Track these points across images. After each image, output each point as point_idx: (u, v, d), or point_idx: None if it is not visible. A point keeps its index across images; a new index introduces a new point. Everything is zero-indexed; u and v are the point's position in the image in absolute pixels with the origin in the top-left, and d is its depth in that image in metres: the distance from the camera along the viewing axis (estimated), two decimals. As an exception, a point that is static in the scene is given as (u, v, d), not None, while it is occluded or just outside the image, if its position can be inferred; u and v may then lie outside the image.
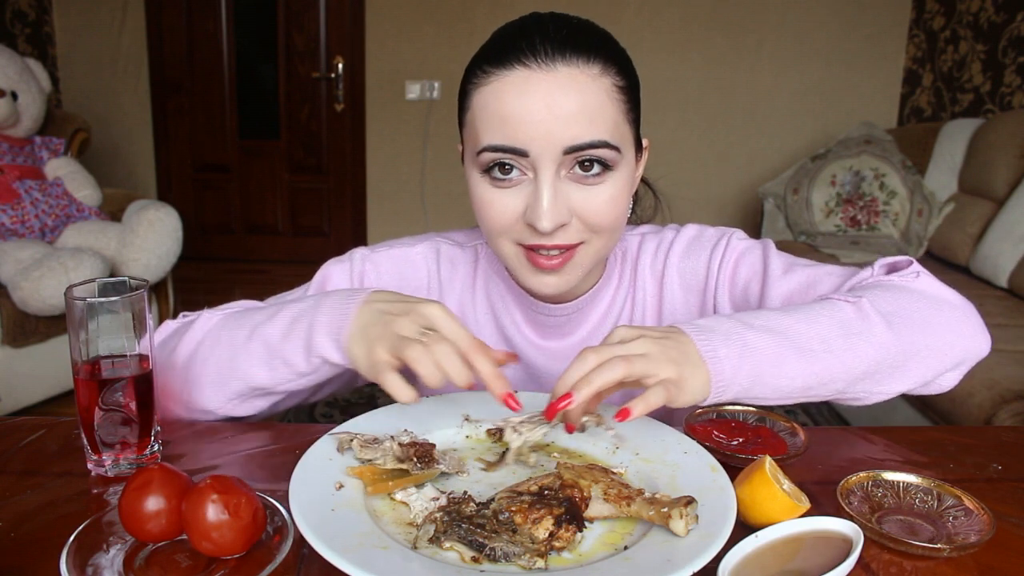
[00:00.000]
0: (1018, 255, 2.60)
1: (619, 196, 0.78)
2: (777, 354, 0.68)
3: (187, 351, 0.81)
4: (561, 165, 0.75)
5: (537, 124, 0.73)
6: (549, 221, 0.74)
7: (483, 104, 0.76)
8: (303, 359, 0.75)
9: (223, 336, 0.79)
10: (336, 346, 0.72)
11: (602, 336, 0.92)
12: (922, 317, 0.75)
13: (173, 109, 4.44)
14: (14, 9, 4.12)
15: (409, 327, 0.67)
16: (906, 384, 0.76)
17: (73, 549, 0.55)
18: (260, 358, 0.76)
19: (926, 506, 0.66)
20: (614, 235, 0.81)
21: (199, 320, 0.83)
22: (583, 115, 0.73)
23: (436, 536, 0.58)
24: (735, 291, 0.89)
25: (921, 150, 3.36)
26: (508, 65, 0.74)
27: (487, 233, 0.81)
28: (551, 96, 0.73)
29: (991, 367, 0.79)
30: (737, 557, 0.55)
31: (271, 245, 4.65)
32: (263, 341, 0.76)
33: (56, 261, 2.29)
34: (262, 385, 0.78)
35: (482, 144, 0.76)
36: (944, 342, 0.76)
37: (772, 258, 0.87)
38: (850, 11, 4.01)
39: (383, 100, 4.29)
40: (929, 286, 0.79)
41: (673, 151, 4.16)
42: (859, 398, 0.76)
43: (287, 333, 0.75)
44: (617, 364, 0.62)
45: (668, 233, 0.94)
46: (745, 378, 0.67)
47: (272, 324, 0.76)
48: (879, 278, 0.81)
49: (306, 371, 0.76)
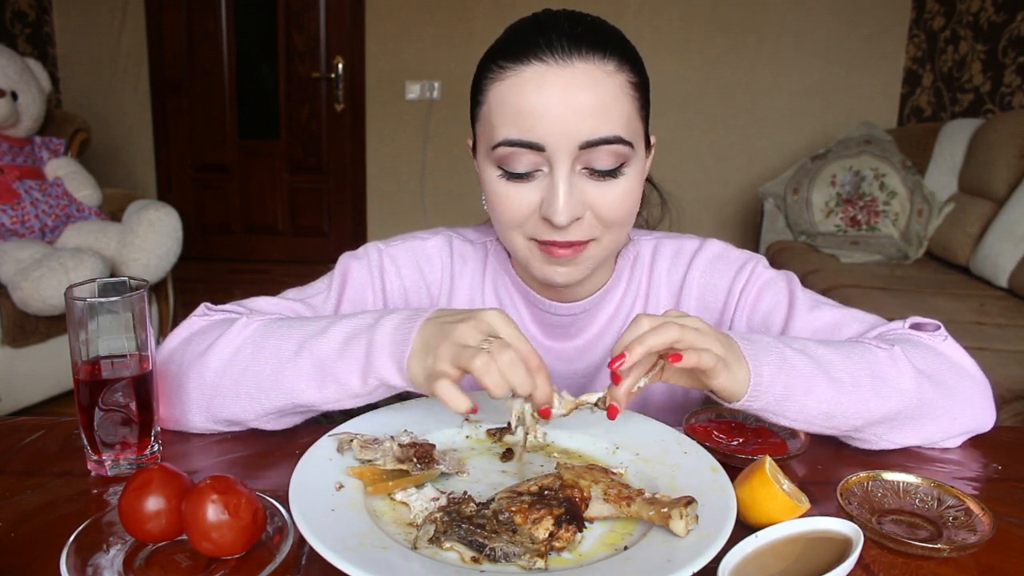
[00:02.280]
0: (1018, 255, 2.60)
1: (631, 191, 0.78)
2: (810, 376, 0.70)
3: (223, 357, 0.75)
4: (576, 160, 0.75)
5: (554, 119, 0.73)
6: (565, 216, 0.74)
7: (500, 99, 0.76)
8: (359, 380, 0.70)
9: (267, 345, 0.74)
10: (398, 368, 0.68)
11: (609, 339, 0.92)
12: (944, 380, 0.77)
13: (173, 109, 4.43)
14: (14, 9, 4.12)
15: (471, 334, 0.64)
16: (916, 438, 0.78)
17: (73, 549, 0.55)
18: (310, 375, 0.72)
19: (926, 506, 0.66)
20: (623, 231, 0.82)
21: (236, 324, 0.77)
22: (599, 110, 0.74)
23: (436, 536, 0.58)
24: (754, 318, 0.89)
25: (921, 150, 3.36)
26: (525, 60, 0.74)
27: (500, 226, 0.81)
28: (568, 91, 0.73)
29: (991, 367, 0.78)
30: (737, 557, 0.55)
31: (271, 245, 4.65)
32: (314, 357, 0.72)
33: (56, 261, 2.29)
34: (308, 403, 0.73)
35: (498, 138, 0.76)
36: (959, 409, 0.78)
37: (798, 292, 0.88)
38: (850, 11, 4.01)
39: (383, 100, 4.29)
40: (955, 352, 0.81)
41: (673, 151, 4.16)
42: (869, 441, 0.77)
43: (342, 351, 0.71)
44: (670, 327, 0.63)
45: (689, 243, 0.93)
46: (779, 390, 0.68)
47: (325, 340, 0.72)
48: (908, 332, 0.82)
49: (360, 392, 0.72)
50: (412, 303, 0.93)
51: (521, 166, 0.76)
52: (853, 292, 2.62)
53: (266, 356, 0.74)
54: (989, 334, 2.15)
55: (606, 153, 0.75)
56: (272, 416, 0.76)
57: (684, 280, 0.92)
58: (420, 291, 0.93)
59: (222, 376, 0.75)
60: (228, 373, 0.75)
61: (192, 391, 0.76)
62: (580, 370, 0.93)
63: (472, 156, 0.86)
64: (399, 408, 0.78)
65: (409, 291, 0.92)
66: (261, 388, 0.74)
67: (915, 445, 0.79)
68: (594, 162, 0.75)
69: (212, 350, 0.76)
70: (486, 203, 0.83)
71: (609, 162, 0.75)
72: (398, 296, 0.92)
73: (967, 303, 2.52)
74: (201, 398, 0.76)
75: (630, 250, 0.93)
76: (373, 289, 0.90)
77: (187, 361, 0.77)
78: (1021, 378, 1.84)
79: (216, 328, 0.78)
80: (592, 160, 0.75)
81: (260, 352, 0.74)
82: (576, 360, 0.92)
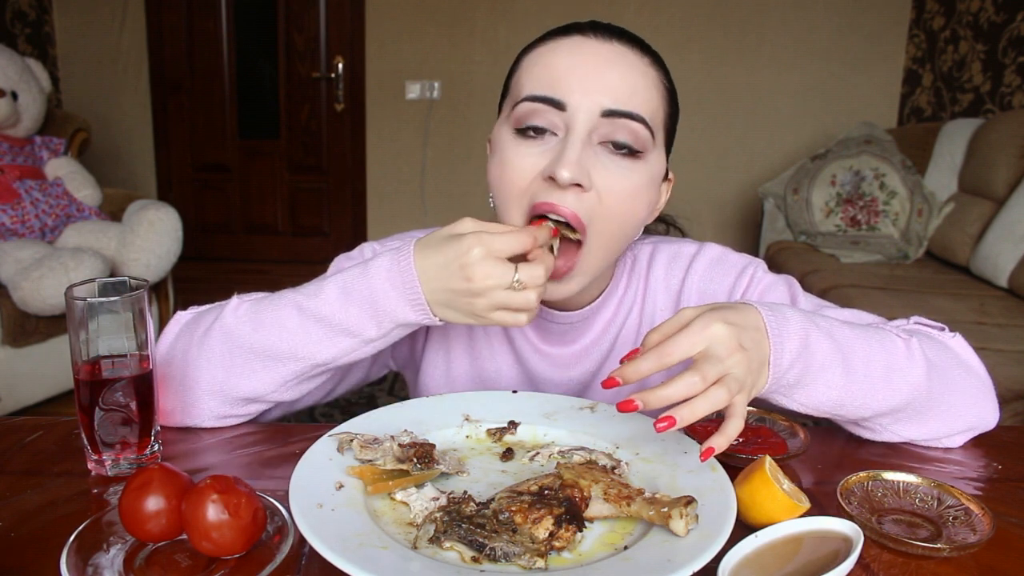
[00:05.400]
0: (1018, 255, 2.60)
1: (639, 192, 0.76)
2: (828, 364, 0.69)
3: (227, 337, 0.76)
4: (595, 131, 0.74)
5: (581, 79, 0.73)
6: (570, 170, 0.71)
7: (532, 61, 0.77)
8: (374, 327, 0.73)
9: (266, 319, 0.76)
10: (411, 305, 0.71)
11: (605, 345, 0.90)
12: (954, 376, 0.77)
13: (173, 109, 4.43)
14: (14, 9, 4.12)
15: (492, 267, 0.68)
16: (921, 432, 0.78)
17: (73, 549, 0.55)
18: (320, 334, 0.74)
19: (926, 506, 0.66)
20: (615, 236, 0.78)
21: (228, 307, 0.79)
22: (627, 85, 0.74)
23: (436, 536, 0.58)
24: None
25: (921, 150, 3.37)
26: (567, 33, 0.76)
27: (501, 202, 0.78)
28: (601, 61, 0.74)
29: (991, 367, 0.78)
30: (737, 557, 0.55)
31: (271, 245, 4.65)
32: (318, 317, 0.74)
33: (56, 261, 2.29)
34: (324, 360, 0.76)
35: (522, 94, 0.76)
36: (965, 405, 0.78)
37: (799, 296, 0.87)
38: (850, 11, 4.01)
39: (383, 100, 4.29)
40: (963, 350, 0.81)
41: (673, 151, 4.16)
42: (873, 430, 0.77)
43: (344, 305, 0.73)
44: (719, 393, 0.60)
45: (687, 247, 0.92)
46: (794, 376, 0.68)
47: (322, 299, 0.74)
48: (918, 327, 0.82)
49: (375, 336, 0.74)
50: None
51: (538, 121, 0.75)
52: (853, 292, 2.62)
53: (268, 327, 0.75)
54: (989, 334, 2.15)
55: (626, 130, 0.74)
56: (291, 383, 0.78)
57: (682, 285, 0.90)
58: None
59: (231, 356, 0.76)
60: (236, 352, 0.76)
61: (202, 377, 0.77)
62: (576, 376, 0.92)
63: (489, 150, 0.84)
64: (399, 408, 0.78)
65: None
66: (274, 357, 0.76)
67: (918, 439, 0.79)
68: (612, 136, 0.74)
69: (212, 334, 0.77)
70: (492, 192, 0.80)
71: (628, 138, 0.74)
72: None
73: (967, 303, 2.52)
74: (213, 382, 0.77)
75: (627, 255, 0.92)
76: None
77: (189, 349, 0.78)
78: (1021, 378, 1.84)
79: (208, 315, 0.80)
80: (610, 135, 0.74)
81: (261, 326, 0.76)
82: (573, 366, 0.92)
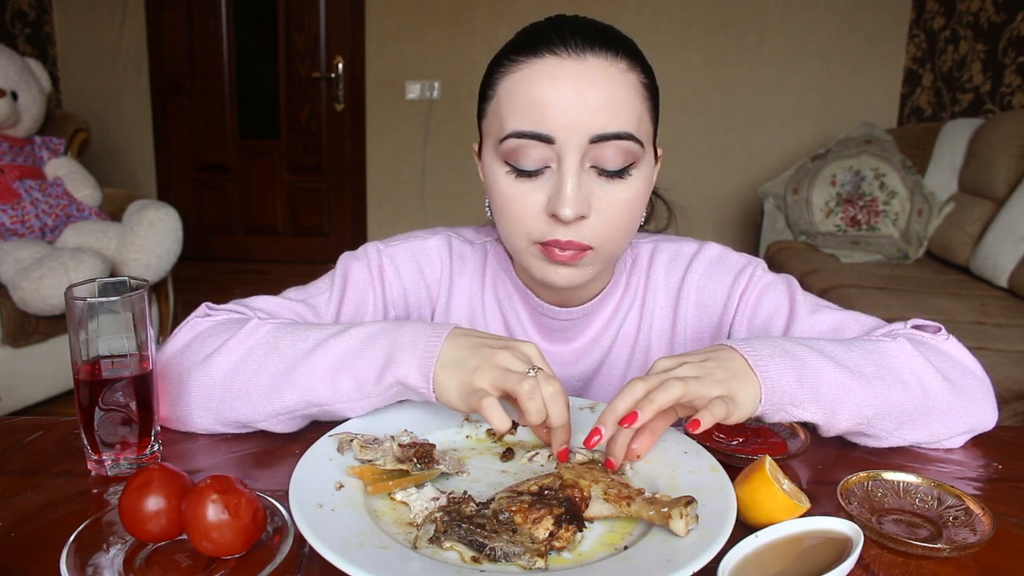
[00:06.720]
0: (1018, 255, 2.60)
1: (637, 197, 0.78)
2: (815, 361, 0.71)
3: (234, 358, 0.75)
4: (586, 156, 0.74)
5: (565, 111, 0.73)
6: (571, 208, 0.73)
7: (510, 90, 0.76)
8: (375, 376, 0.72)
9: (281, 346, 0.75)
10: (420, 371, 0.70)
11: (606, 342, 0.92)
12: (950, 377, 0.77)
13: (173, 109, 4.43)
14: (14, 9, 4.12)
15: (513, 361, 0.68)
16: (924, 435, 0.78)
17: (73, 549, 0.55)
18: (325, 370, 0.73)
19: (926, 506, 0.66)
20: (623, 242, 0.81)
21: (247, 326, 0.77)
22: (611, 105, 0.73)
23: (436, 536, 0.58)
24: (755, 323, 0.89)
25: (921, 150, 3.36)
26: (538, 53, 0.74)
27: (506, 228, 0.80)
28: (580, 84, 0.73)
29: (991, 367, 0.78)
30: (737, 557, 0.55)
31: (271, 245, 4.65)
32: (331, 353, 0.73)
33: (56, 261, 2.29)
34: (319, 400, 0.73)
35: (508, 130, 0.75)
36: (964, 407, 0.78)
37: (798, 296, 0.88)
38: (850, 11, 4.01)
39: (383, 100, 4.29)
40: (958, 351, 0.81)
41: (673, 151, 4.13)
42: (879, 436, 0.77)
43: (362, 348, 0.72)
44: (674, 384, 0.64)
45: (687, 246, 0.93)
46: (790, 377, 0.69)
47: (344, 338, 0.74)
48: (911, 331, 0.82)
49: (372, 392, 0.72)
50: (411, 303, 0.93)
51: (530, 162, 0.75)
52: (853, 292, 2.62)
53: (280, 356, 0.74)
54: (989, 334, 2.15)
55: (616, 150, 0.74)
56: (283, 417, 0.75)
57: (682, 283, 0.91)
58: (419, 291, 0.93)
59: (233, 377, 0.75)
60: (239, 374, 0.75)
61: (197, 393, 0.76)
62: (577, 373, 0.93)
63: (477, 159, 0.85)
64: (399, 408, 0.78)
65: (408, 291, 0.92)
66: (272, 387, 0.74)
67: (922, 442, 0.79)
68: (603, 160, 0.75)
69: (221, 352, 0.76)
70: (490, 208, 0.82)
71: (618, 161, 0.75)
72: (397, 296, 0.92)
73: (967, 303, 2.52)
74: (208, 400, 0.76)
75: (628, 253, 0.92)
76: (373, 289, 0.90)
77: (192, 363, 0.77)
78: (1021, 378, 1.84)
79: (224, 329, 0.78)
80: (601, 158, 0.75)
81: (274, 352, 0.74)
82: (574, 363, 0.92)
